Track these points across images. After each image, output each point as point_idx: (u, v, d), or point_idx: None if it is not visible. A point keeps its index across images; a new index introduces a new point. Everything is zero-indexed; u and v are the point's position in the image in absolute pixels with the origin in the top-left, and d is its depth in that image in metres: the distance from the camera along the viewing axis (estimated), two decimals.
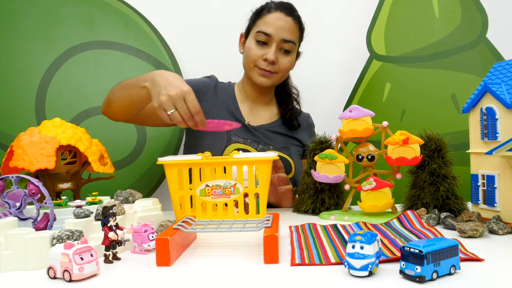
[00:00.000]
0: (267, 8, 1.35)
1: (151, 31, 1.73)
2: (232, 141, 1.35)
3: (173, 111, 1.00)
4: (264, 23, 1.32)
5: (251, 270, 0.69)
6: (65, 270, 0.64)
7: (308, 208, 1.15)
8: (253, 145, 1.37)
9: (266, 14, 1.33)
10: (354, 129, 1.06)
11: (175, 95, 0.99)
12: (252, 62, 1.35)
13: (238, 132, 1.38)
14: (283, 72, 1.37)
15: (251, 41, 1.35)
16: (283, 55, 1.35)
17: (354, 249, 0.63)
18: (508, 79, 0.95)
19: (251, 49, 1.34)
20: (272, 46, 1.32)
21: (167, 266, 0.71)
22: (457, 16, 1.59)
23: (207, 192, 1.02)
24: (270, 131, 1.43)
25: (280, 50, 1.34)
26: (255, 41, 1.34)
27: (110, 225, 0.74)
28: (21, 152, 1.01)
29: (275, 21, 1.31)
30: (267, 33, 1.31)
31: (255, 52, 1.33)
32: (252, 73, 1.37)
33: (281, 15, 1.32)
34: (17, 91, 1.60)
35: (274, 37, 1.31)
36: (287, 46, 1.33)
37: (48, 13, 1.65)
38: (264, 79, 1.36)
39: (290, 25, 1.33)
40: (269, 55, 1.31)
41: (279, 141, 1.43)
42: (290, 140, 1.45)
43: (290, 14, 1.34)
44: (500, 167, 0.92)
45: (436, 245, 0.61)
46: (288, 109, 1.47)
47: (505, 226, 0.87)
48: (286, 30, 1.32)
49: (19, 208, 0.83)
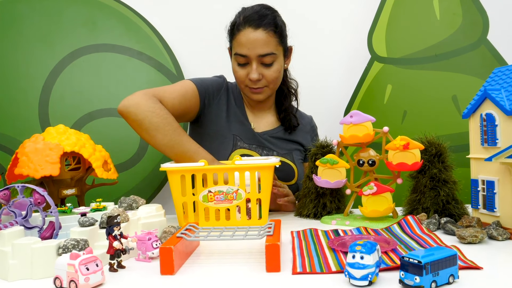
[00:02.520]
0: (236, 26, 1.32)
1: (152, 33, 1.74)
2: (238, 147, 1.35)
3: None
4: (238, 44, 1.31)
5: (253, 278, 0.70)
6: (71, 280, 0.66)
7: (309, 212, 1.16)
8: (258, 151, 1.37)
9: (237, 34, 1.31)
10: (355, 134, 1.07)
11: None
12: (241, 83, 1.36)
13: (244, 137, 1.38)
14: (273, 83, 1.36)
15: (234, 63, 1.35)
16: (267, 68, 1.32)
17: (354, 259, 0.64)
18: (508, 85, 0.96)
19: (235, 71, 1.35)
20: (252, 64, 1.30)
21: (171, 275, 0.73)
22: (458, 18, 1.60)
23: (209, 198, 1.03)
24: (274, 137, 1.43)
25: (262, 64, 1.32)
26: (236, 62, 1.34)
27: (114, 235, 0.75)
28: (26, 159, 1.02)
29: (246, 40, 1.28)
30: (243, 55, 1.30)
31: (240, 74, 1.34)
32: (245, 92, 1.39)
33: (250, 31, 1.28)
34: (21, 94, 1.62)
35: (251, 55, 1.29)
36: (266, 60, 1.30)
37: (50, 16, 1.66)
38: (257, 95, 1.37)
39: (262, 38, 1.28)
40: (251, 76, 1.30)
41: (282, 146, 1.43)
42: (293, 145, 1.46)
43: (259, 26, 1.29)
44: (499, 173, 0.93)
45: (435, 255, 0.62)
46: (283, 109, 1.47)
47: (504, 232, 0.88)
48: (260, 45, 1.28)
49: (25, 217, 0.84)
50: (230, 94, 1.44)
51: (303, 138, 1.49)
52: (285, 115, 1.46)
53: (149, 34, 1.74)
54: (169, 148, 1.18)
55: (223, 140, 1.36)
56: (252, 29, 1.28)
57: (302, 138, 1.48)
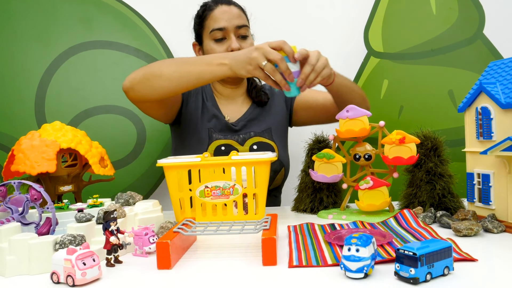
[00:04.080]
0: (207, 7, 1.38)
1: (149, 30, 1.73)
2: (213, 139, 1.36)
3: (266, 62, 1.05)
4: (213, 21, 1.35)
5: (250, 272, 0.70)
6: (68, 275, 0.66)
7: (306, 207, 1.17)
8: (234, 138, 1.38)
9: (210, 13, 1.37)
10: (351, 129, 1.08)
11: (262, 45, 1.06)
12: None
13: (218, 130, 1.39)
14: None
15: (209, 43, 1.37)
16: (243, 41, 1.37)
17: (350, 252, 0.65)
18: (503, 78, 0.96)
19: (213, 49, 1.36)
20: (231, 36, 1.34)
21: (168, 269, 0.73)
22: (454, 13, 1.60)
23: (206, 193, 1.03)
24: (248, 119, 1.43)
25: (238, 37, 1.36)
26: (212, 41, 1.36)
27: (111, 230, 0.75)
28: (22, 156, 1.02)
29: (222, 15, 1.35)
30: (221, 28, 1.34)
31: (219, 50, 1.35)
32: None
33: (223, 7, 1.36)
34: (17, 92, 1.61)
35: (229, 27, 1.34)
36: (242, 31, 1.36)
37: (45, 13, 1.66)
38: None
39: (236, 12, 1.36)
40: (233, 45, 1.32)
41: (259, 125, 1.43)
42: (269, 119, 1.45)
43: (230, 3, 1.38)
44: (495, 166, 0.93)
45: (430, 247, 0.63)
46: (252, 87, 1.48)
47: (500, 225, 0.89)
48: (236, 17, 1.35)
49: (21, 213, 0.85)
50: (203, 91, 1.46)
51: (276, 103, 1.49)
52: (255, 92, 1.47)
53: (146, 31, 1.73)
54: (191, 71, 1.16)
55: (199, 136, 1.38)
56: (226, 5, 1.37)
57: (275, 104, 1.49)
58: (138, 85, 1.19)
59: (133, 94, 1.21)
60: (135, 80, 1.19)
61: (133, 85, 1.20)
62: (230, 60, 1.11)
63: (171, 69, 1.17)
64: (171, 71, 1.16)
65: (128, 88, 1.21)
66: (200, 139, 1.37)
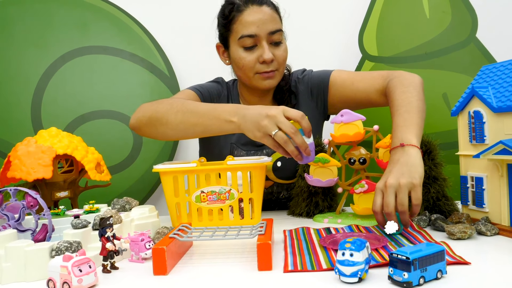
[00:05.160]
0: (235, 7, 1.22)
1: (144, 35, 1.74)
2: (234, 155, 1.29)
3: (276, 131, 0.90)
4: (242, 25, 1.21)
5: (246, 277, 0.71)
6: (65, 282, 0.66)
7: (302, 211, 1.17)
8: (258, 154, 1.31)
9: (238, 15, 1.22)
10: (345, 133, 1.08)
11: (275, 113, 0.91)
12: (250, 70, 1.24)
13: (240, 144, 1.32)
14: (283, 65, 1.28)
15: (237, 50, 1.24)
16: (277, 48, 1.24)
17: (344, 256, 0.65)
18: (495, 82, 0.97)
19: (242, 59, 1.23)
20: (263, 44, 1.21)
21: (164, 275, 0.73)
22: (447, 16, 1.61)
23: (202, 198, 1.04)
24: None
25: (271, 44, 1.23)
26: (242, 48, 1.23)
27: (107, 236, 0.76)
28: (18, 162, 1.03)
29: (253, 18, 1.20)
30: (252, 35, 1.20)
31: (249, 59, 1.23)
32: (254, 81, 1.26)
33: (255, 9, 1.21)
34: (13, 97, 1.62)
35: (261, 34, 1.20)
36: (276, 37, 1.22)
37: (41, 19, 1.66)
38: (269, 81, 1.26)
39: (268, 14, 1.21)
40: (266, 56, 1.20)
41: None
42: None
43: (262, 2, 1.22)
44: (488, 169, 0.94)
45: (423, 251, 0.64)
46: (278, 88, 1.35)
47: (493, 227, 0.89)
48: (268, 21, 1.20)
49: (18, 220, 0.85)
50: (229, 96, 1.37)
51: (305, 109, 1.33)
52: (281, 95, 1.35)
53: (141, 35, 1.74)
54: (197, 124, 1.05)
55: (221, 151, 1.32)
56: (257, 6, 1.21)
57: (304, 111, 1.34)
58: (144, 127, 1.15)
59: (140, 133, 1.19)
60: (142, 123, 1.15)
61: (140, 126, 1.16)
62: (239, 118, 0.97)
63: (177, 118, 1.07)
64: (178, 122, 1.07)
65: (135, 127, 1.18)
66: (220, 154, 1.30)
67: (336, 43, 1.84)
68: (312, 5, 1.85)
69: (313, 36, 1.84)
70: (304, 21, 1.85)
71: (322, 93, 1.35)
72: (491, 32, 1.66)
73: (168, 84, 1.72)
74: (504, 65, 0.98)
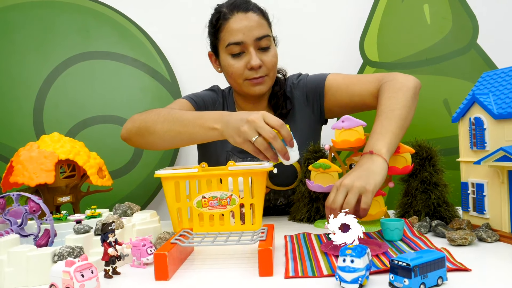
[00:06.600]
0: (222, 16, 1.23)
1: (146, 40, 1.75)
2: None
3: (256, 137, 0.91)
4: (229, 33, 1.22)
5: (246, 283, 0.71)
6: (67, 287, 0.66)
7: (303, 216, 1.17)
8: (254, 160, 1.30)
9: (225, 23, 1.23)
10: (346, 139, 1.09)
11: (254, 118, 0.92)
12: (239, 77, 1.25)
13: (236, 152, 1.32)
14: (273, 70, 1.27)
15: (226, 57, 1.25)
16: (265, 53, 1.24)
17: (344, 263, 0.66)
18: (496, 89, 0.97)
19: (231, 66, 1.24)
20: (250, 51, 1.22)
21: (166, 281, 0.74)
22: (448, 23, 1.62)
23: (203, 203, 1.04)
24: None
25: (259, 50, 1.23)
26: (230, 56, 1.24)
27: (109, 241, 0.76)
28: (21, 167, 1.03)
29: (238, 26, 1.20)
30: (239, 42, 1.21)
31: (237, 66, 1.23)
32: (244, 87, 1.27)
33: (240, 16, 1.21)
34: (15, 102, 1.62)
35: (247, 41, 1.21)
36: (263, 43, 1.22)
37: (43, 24, 1.68)
38: (259, 87, 1.26)
39: (255, 20, 1.21)
40: (253, 62, 1.21)
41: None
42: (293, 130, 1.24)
43: (247, 9, 1.22)
44: (488, 176, 0.95)
45: (424, 258, 0.64)
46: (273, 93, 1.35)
47: (494, 234, 0.90)
48: (255, 27, 1.21)
49: (20, 225, 0.85)
50: (225, 104, 1.38)
51: (301, 115, 1.34)
52: (276, 101, 1.35)
53: (143, 41, 1.75)
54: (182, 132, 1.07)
55: (217, 159, 1.32)
56: (242, 13, 1.22)
57: (300, 117, 1.35)
58: (134, 137, 1.18)
59: (131, 144, 1.22)
60: (131, 133, 1.18)
61: (130, 136, 1.19)
62: (222, 125, 0.99)
63: (164, 127, 1.09)
64: (164, 131, 1.09)
65: (126, 138, 1.21)
66: (218, 163, 1.30)
67: (337, 49, 1.84)
68: (313, 11, 1.86)
69: (314, 42, 1.85)
70: (305, 27, 1.86)
71: (318, 98, 1.35)
72: (492, 39, 1.67)
73: (170, 89, 1.73)
74: (505, 71, 0.99)
